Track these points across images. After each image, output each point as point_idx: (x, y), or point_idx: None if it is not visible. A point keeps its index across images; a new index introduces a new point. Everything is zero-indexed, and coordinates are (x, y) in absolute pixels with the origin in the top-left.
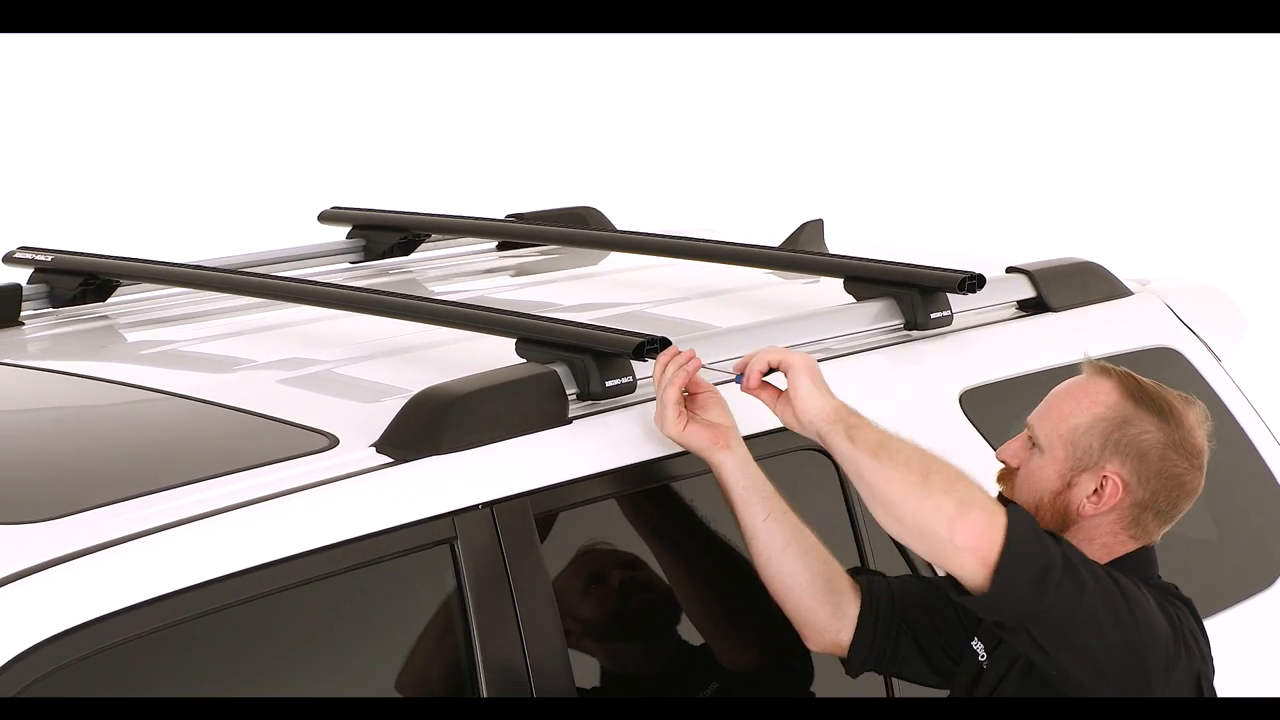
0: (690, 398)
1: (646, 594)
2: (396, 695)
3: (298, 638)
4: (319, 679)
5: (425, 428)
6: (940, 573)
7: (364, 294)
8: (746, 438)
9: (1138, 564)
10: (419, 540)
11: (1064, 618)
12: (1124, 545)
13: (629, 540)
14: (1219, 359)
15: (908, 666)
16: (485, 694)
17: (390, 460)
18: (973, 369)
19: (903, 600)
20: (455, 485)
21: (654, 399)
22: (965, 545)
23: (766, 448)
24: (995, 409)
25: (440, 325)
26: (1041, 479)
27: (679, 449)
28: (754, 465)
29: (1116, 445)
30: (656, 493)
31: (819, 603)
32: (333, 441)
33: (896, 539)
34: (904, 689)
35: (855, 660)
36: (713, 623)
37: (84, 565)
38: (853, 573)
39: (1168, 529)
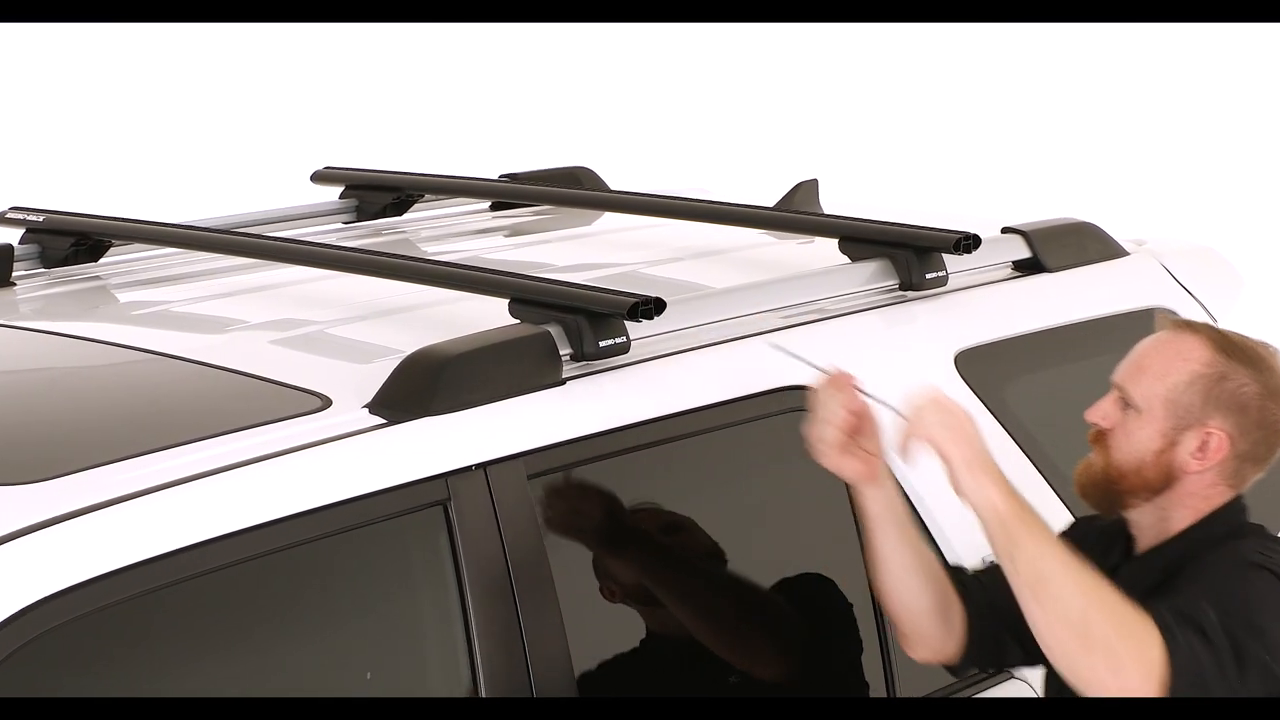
0: (847, 424)
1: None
2: (390, 657)
3: (290, 600)
4: (311, 642)
5: (418, 389)
6: None
7: (357, 254)
8: (740, 399)
9: (1233, 512)
10: (412, 502)
11: (1260, 669)
12: (1222, 495)
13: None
14: (1215, 319)
15: (1009, 657)
16: (479, 658)
17: (383, 421)
18: (968, 329)
19: (996, 595)
20: (448, 447)
21: (648, 360)
22: (1125, 693)
23: (760, 409)
24: (991, 370)
25: (433, 285)
26: (1142, 439)
27: (673, 410)
28: (895, 494)
29: (1218, 401)
30: (650, 454)
31: (934, 623)
32: (325, 402)
33: None
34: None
35: (961, 666)
36: (706, 586)
37: (74, 527)
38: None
39: (1260, 476)
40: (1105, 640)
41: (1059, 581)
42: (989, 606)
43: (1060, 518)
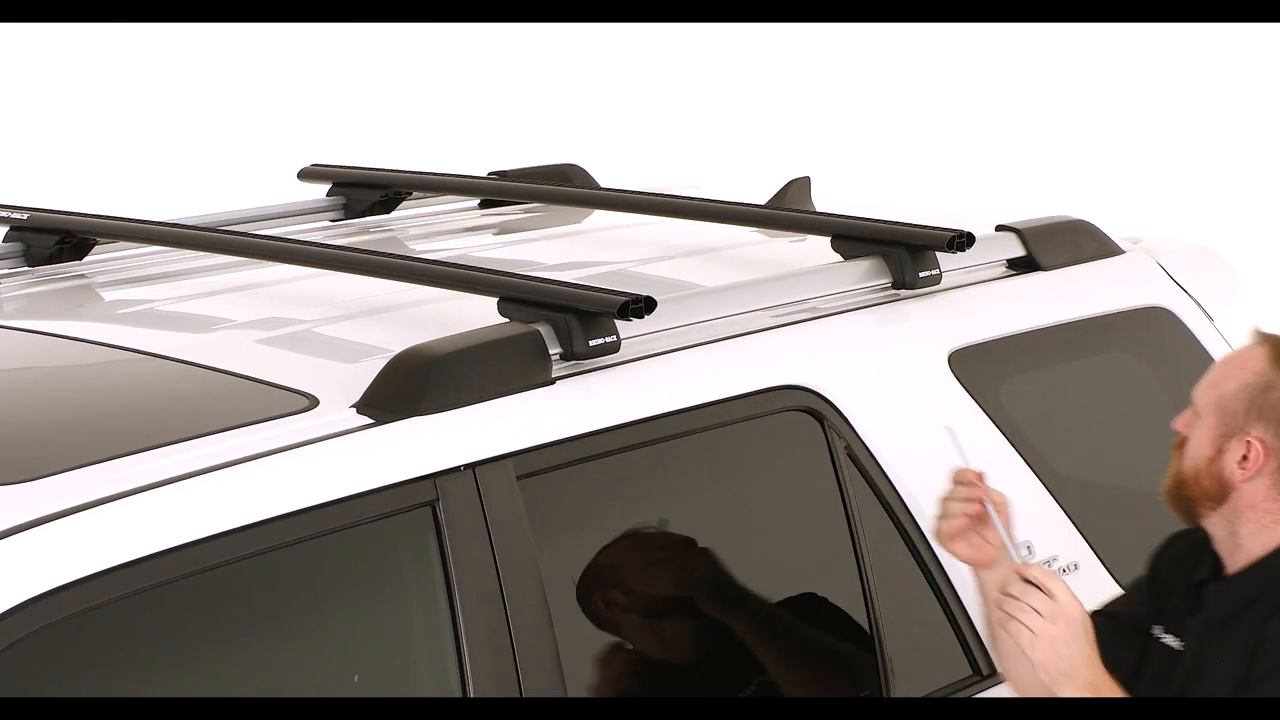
0: (964, 519)
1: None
2: (377, 659)
3: (279, 601)
4: (299, 643)
5: (406, 388)
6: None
7: (344, 252)
8: (732, 399)
9: None
10: (400, 503)
11: None
12: None
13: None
14: (1212, 318)
15: None
16: (468, 660)
17: (371, 421)
18: (961, 329)
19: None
20: (437, 447)
21: (639, 359)
22: None
23: (752, 408)
24: (984, 369)
25: (421, 284)
26: (1198, 446)
27: (664, 410)
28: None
29: (1260, 410)
30: (641, 454)
31: (1046, 693)
32: (313, 402)
33: None
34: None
35: None
36: (695, 585)
37: (61, 528)
38: None
39: None
40: None
41: None
42: None
43: (1056, 519)
